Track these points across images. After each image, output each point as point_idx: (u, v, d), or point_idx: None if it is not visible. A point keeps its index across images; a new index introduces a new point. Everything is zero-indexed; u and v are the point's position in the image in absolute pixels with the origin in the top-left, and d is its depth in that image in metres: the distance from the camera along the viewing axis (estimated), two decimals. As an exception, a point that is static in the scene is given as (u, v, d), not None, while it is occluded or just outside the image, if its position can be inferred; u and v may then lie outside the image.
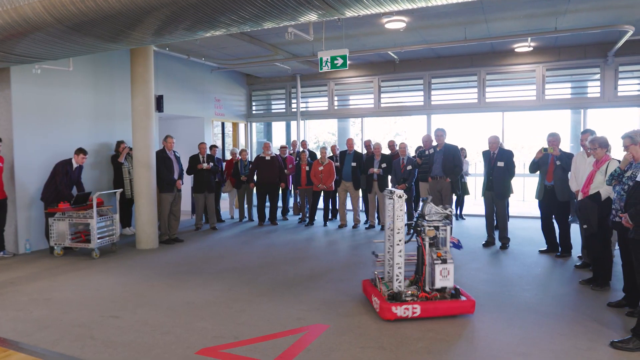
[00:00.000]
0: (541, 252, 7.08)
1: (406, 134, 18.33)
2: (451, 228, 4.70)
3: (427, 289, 4.53)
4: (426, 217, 4.60)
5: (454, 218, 10.16)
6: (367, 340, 3.98)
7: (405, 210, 4.69)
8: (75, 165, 7.31)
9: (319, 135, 18.74)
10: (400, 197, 4.56)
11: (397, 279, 4.55)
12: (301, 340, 3.98)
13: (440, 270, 4.46)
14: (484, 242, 7.64)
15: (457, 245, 4.76)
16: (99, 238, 6.95)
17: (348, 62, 11.32)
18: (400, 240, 4.55)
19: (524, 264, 6.46)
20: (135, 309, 4.79)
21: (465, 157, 9.88)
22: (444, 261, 4.47)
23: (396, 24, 7.82)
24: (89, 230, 6.97)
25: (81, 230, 7.17)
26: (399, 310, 4.31)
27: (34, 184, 7.37)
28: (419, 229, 4.62)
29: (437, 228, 4.58)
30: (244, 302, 4.98)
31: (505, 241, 7.44)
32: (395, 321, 4.32)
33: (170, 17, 4.61)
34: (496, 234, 7.69)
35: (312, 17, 4.69)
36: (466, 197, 10.34)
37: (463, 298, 4.51)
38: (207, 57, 10.21)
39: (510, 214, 9.61)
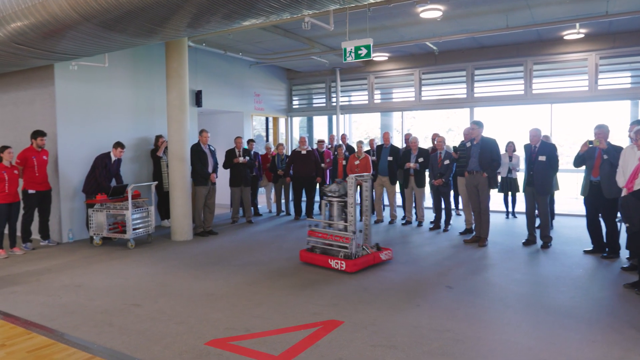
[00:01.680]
0: (586, 252, 6.62)
1: (459, 129, 17.76)
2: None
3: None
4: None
5: (504, 216, 9.72)
6: (380, 338, 3.85)
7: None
8: (113, 158, 7.58)
9: (370, 131, 18.58)
10: (366, 181, 6.18)
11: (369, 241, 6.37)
12: (312, 336, 3.91)
13: None
14: (524, 241, 7.24)
15: None
16: (134, 229, 7.18)
17: (388, 55, 11.30)
18: (367, 214, 6.30)
19: (564, 264, 6.05)
20: (156, 298, 4.89)
21: (515, 151, 9.35)
22: None
23: (432, 13, 7.52)
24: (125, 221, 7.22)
25: (119, 221, 7.43)
26: (383, 255, 6.21)
27: (77, 177, 7.71)
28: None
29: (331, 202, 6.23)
30: (263, 295, 4.97)
31: (546, 240, 7.01)
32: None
33: (194, 12, 4.64)
34: (538, 232, 7.28)
35: (333, 5, 4.58)
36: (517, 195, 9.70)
37: None
38: (244, 51, 10.29)
39: (557, 212, 9.11)
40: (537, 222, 7.38)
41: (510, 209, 9.73)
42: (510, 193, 9.55)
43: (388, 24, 8.35)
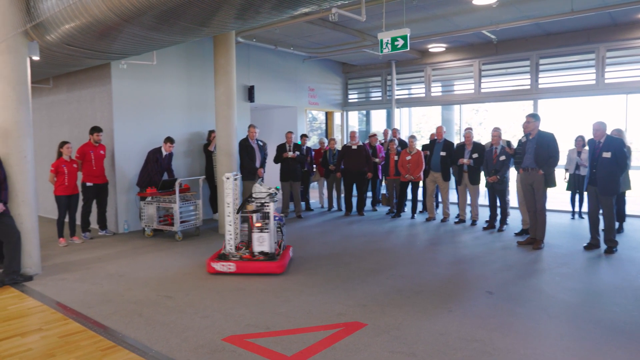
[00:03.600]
0: (657, 259, 5.96)
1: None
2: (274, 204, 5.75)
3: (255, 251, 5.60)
4: (254, 195, 5.72)
5: (569, 216, 9.01)
6: (401, 344, 3.65)
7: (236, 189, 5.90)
8: (164, 153, 7.85)
9: (438, 124, 18.07)
10: (228, 178, 5.70)
11: (228, 243, 5.73)
12: (330, 338, 3.79)
13: (257, 238, 5.58)
14: (585, 244, 6.65)
15: (280, 219, 6.03)
16: (181, 222, 7.41)
17: (445, 45, 10.82)
18: (229, 213, 5.69)
19: (628, 272, 5.47)
20: (189, 291, 4.99)
21: (584, 145, 8.60)
22: (261, 230, 5.57)
23: (486, 0, 7.08)
24: (175, 214, 7.46)
25: (169, 214, 7.70)
26: (217, 266, 5.49)
27: (132, 170, 8.09)
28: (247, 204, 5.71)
29: (262, 204, 5.65)
30: (293, 292, 4.91)
31: (611, 244, 6.39)
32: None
33: (236, 10, 4.62)
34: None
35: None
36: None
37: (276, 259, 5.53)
38: (294, 46, 10.28)
39: (629, 213, 8.29)
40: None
41: (577, 209, 8.99)
42: (577, 191, 8.82)
43: (439, 12, 7.97)
